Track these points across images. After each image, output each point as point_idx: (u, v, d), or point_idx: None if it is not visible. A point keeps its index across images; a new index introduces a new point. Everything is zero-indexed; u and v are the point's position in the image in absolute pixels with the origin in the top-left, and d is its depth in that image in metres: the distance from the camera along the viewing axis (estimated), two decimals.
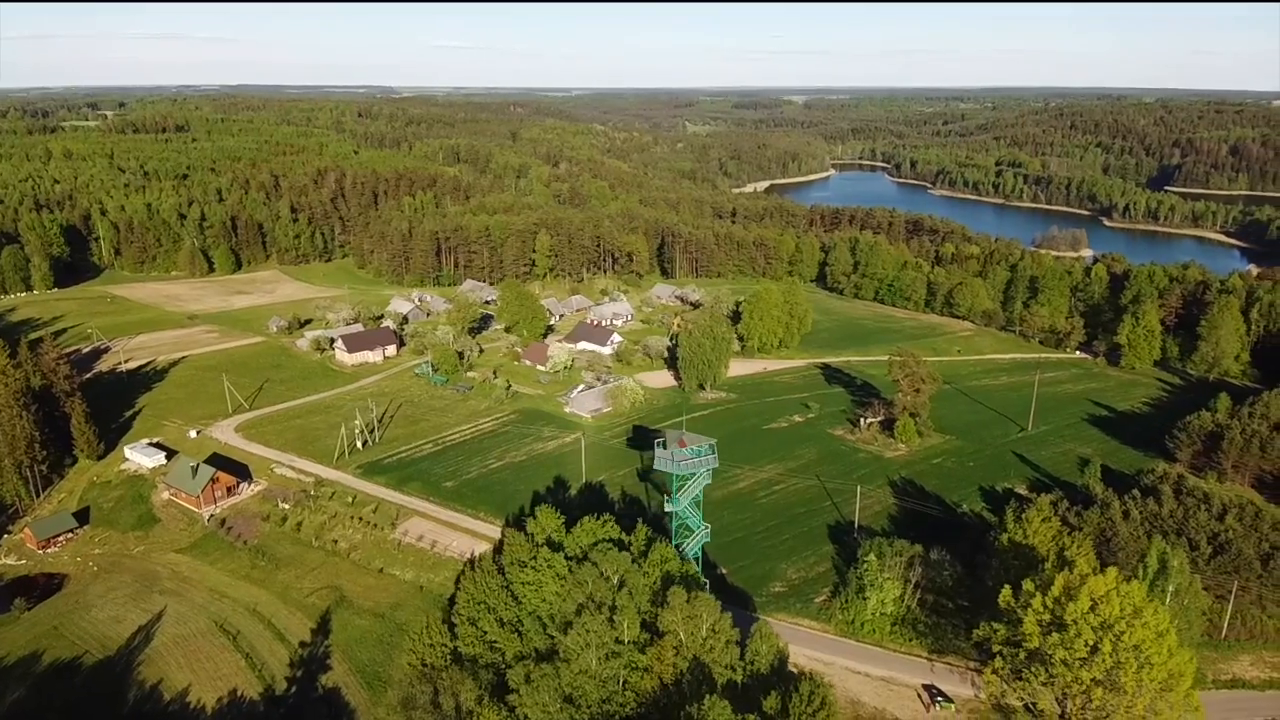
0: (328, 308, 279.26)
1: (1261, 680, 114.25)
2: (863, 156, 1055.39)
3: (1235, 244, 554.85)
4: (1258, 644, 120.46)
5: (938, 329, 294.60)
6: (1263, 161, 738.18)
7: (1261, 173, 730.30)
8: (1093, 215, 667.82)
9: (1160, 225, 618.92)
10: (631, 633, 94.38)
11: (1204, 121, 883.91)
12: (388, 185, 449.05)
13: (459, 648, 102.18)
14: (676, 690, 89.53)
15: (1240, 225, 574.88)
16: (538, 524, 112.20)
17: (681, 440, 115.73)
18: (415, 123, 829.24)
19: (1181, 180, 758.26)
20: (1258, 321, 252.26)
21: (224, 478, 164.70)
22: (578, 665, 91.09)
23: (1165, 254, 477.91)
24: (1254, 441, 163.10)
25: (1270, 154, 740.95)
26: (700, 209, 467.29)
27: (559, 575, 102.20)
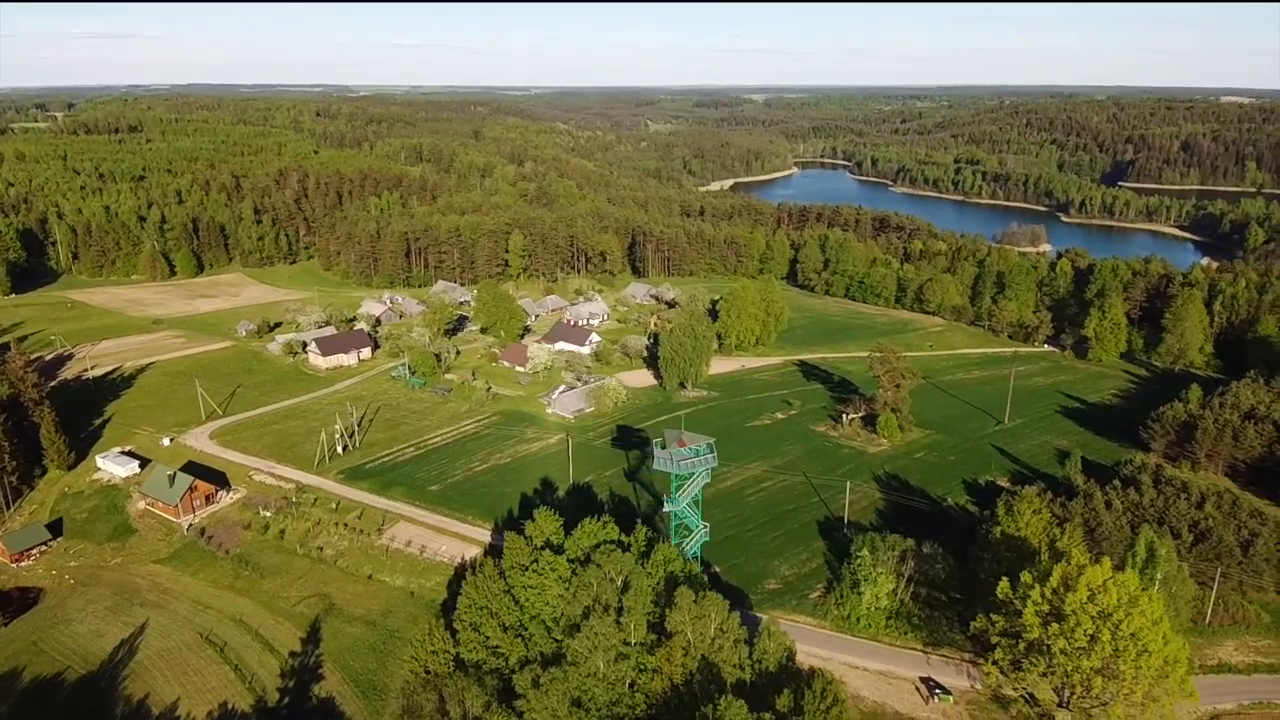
0: (298, 311, 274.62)
1: (1247, 664, 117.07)
2: (824, 155, 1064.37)
3: (1189, 238, 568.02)
4: (1240, 629, 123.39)
5: (909, 324, 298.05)
6: (1213, 157, 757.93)
7: (1212, 168, 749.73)
8: (1050, 211, 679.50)
9: (1116, 220, 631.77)
10: (638, 634, 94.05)
11: (1156, 118, 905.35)
12: (352, 185, 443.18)
13: (462, 654, 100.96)
14: (687, 691, 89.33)
15: (1194, 219, 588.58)
16: (536, 527, 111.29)
17: (681, 440, 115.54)
18: (375, 122, 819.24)
19: (1135, 176, 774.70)
20: (1220, 313, 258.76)
21: (202, 486, 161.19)
22: (586, 668, 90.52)
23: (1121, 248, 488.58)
24: (1226, 431, 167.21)
25: (1221, 150, 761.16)
26: (669, 207, 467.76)
27: (562, 578, 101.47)
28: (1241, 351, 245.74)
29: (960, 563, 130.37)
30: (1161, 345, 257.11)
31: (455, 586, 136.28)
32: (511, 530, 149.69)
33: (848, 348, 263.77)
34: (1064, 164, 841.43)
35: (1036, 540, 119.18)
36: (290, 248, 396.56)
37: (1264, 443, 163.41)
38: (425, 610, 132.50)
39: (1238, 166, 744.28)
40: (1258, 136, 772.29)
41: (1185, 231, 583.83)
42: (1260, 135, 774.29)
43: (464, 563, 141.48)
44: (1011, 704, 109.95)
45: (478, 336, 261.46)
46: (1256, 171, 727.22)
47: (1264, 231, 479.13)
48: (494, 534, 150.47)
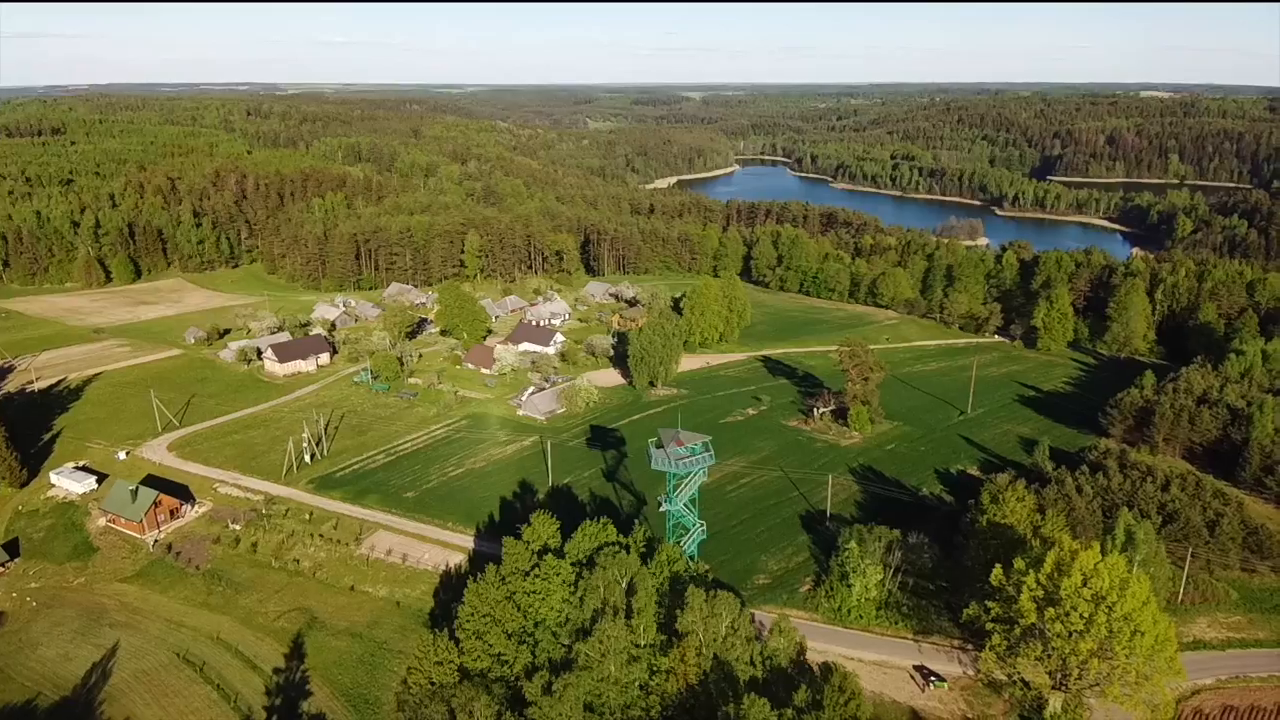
0: (249, 316, 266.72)
1: (1220, 640, 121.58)
2: (764, 152, 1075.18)
3: (1118, 229, 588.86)
4: (1211, 607, 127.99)
5: (864, 318, 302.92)
6: (1137, 150, 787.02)
7: (1137, 161, 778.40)
8: (985, 205, 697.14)
9: (1048, 213, 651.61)
10: (648, 636, 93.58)
11: (1081, 113, 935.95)
12: (294, 186, 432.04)
13: (465, 663, 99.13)
14: (703, 690, 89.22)
15: (1122, 211, 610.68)
16: (534, 531, 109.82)
17: (678, 439, 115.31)
18: (310, 121, 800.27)
19: (1063, 170, 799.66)
20: (1162, 302, 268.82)
21: (166, 500, 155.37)
22: (598, 672, 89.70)
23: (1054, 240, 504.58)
24: (1183, 415, 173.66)
25: (1144, 143, 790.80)
26: (618, 205, 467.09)
27: (566, 582, 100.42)
28: (1183, 338, 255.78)
29: (945, 551, 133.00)
30: (1108, 334, 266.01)
31: (442, 595, 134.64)
32: (492, 535, 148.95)
33: (808, 342, 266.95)
34: (995, 159, 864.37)
35: (1022, 527, 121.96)
36: (232, 251, 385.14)
37: (1218, 426, 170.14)
38: (413, 620, 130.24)
39: (1160, 159, 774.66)
40: (1179, 130, 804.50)
41: (1114, 223, 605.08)
42: (1181, 128, 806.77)
43: (449, 570, 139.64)
44: (1004, 689, 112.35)
45: (438, 339, 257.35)
46: (1179, 164, 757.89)
47: (1191, 222, 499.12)
48: (477, 539, 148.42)
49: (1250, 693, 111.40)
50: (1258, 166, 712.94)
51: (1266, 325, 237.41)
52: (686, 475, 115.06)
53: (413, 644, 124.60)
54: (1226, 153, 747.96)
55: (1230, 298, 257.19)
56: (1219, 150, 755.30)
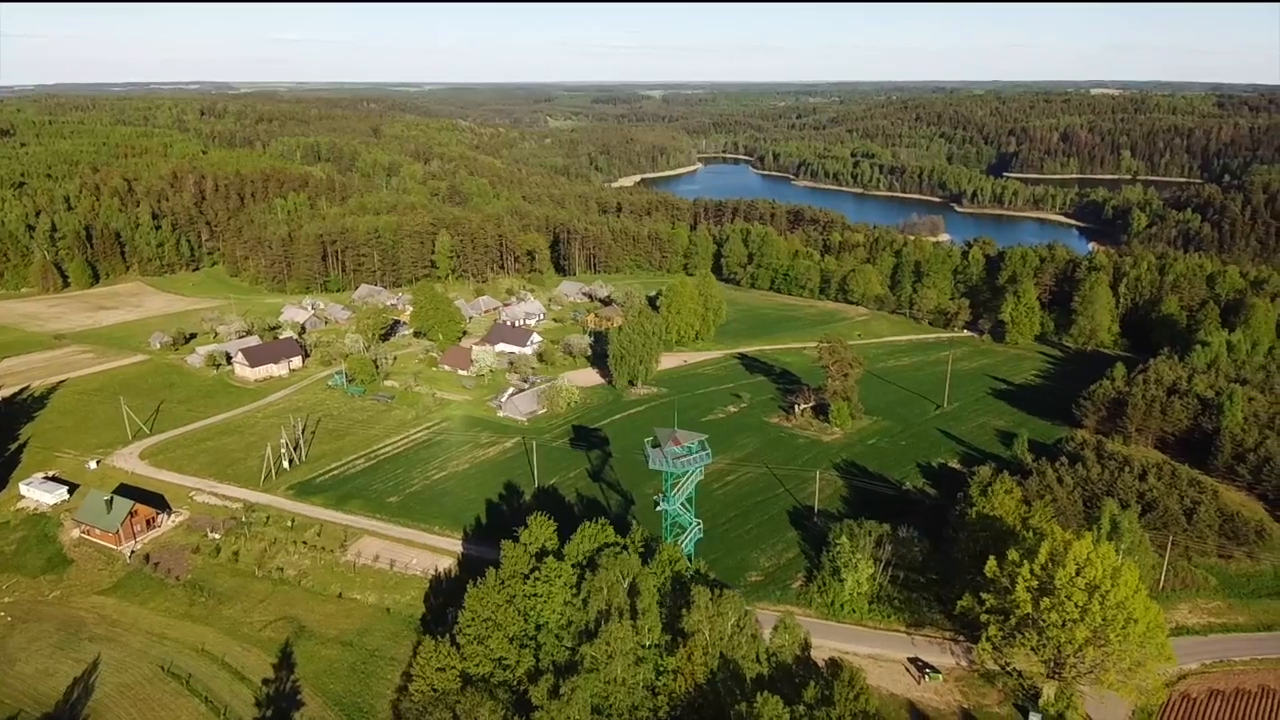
0: (216, 320, 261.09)
1: (1202, 625, 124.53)
2: (725, 150, 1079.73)
3: (1074, 224, 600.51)
4: (1192, 593, 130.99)
5: (835, 315, 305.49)
6: (1090, 146, 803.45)
7: (1090, 157, 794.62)
8: (944, 202, 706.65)
9: (1006, 209, 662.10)
10: (652, 636, 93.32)
11: (1035, 111, 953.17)
12: (255, 187, 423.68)
13: (467, 669, 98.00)
14: (711, 690, 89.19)
15: (1078, 207, 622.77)
16: (531, 533, 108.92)
17: (675, 438, 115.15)
18: (266, 120, 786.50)
19: (1019, 167, 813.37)
20: (1125, 295, 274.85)
21: (143, 510, 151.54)
22: (605, 674, 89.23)
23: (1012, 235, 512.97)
24: (1155, 406, 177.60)
25: (1097, 139, 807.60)
26: (586, 204, 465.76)
27: (568, 584, 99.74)
28: (1147, 330, 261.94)
29: (934, 544, 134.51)
30: (1074, 327, 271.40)
31: (433, 600, 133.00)
32: (480, 538, 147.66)
33: (782, 339, 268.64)
34: (953, 156, 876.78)
35: (1011, 519, 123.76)
36: (193, 254, 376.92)
37: (1189, 415, 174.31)
38: (404, 626, 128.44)
39: (1113, 155, 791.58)
40: (1130, 126, 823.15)
41: (1070, 218, 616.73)
42: (1133, 125, 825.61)
43: (438, 575, 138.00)
44: (997, 679, 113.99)
45: (412, 341, 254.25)
46: (1131, 159, 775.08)
47: (1146, 216, 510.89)
48: (465, 543, 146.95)
49: (1234, 676, 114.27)
50: (1207, 161, 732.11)
51: (1227, 316, 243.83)
52: (683, 474, 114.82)
53: (405, 651, 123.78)
54: (1177, 148, 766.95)
55: (1191, 290, 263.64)
56: (1170, 146, 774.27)
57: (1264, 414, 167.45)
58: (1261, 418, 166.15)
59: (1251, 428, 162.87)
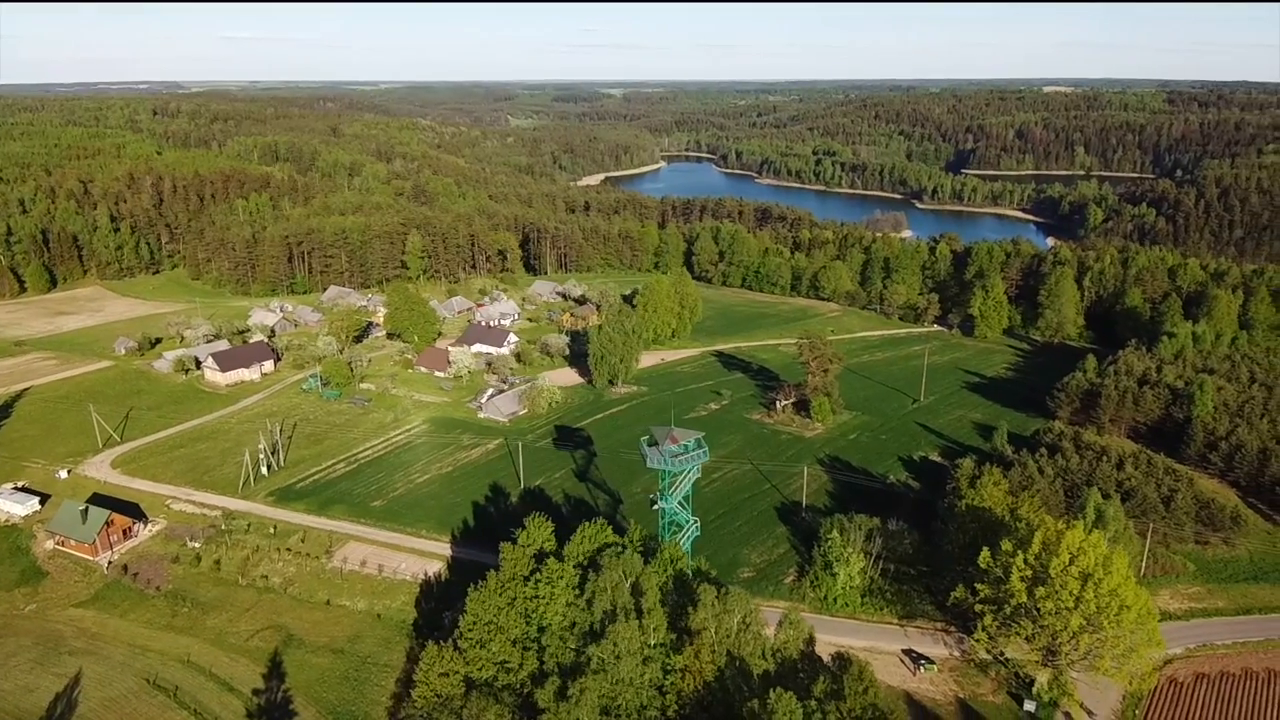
0: (183, 324, 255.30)
1: (1184, 611, 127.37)
2: (688, 148, 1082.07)
3: (1031, 219, 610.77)
4: (1172, 579, 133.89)
5: (808, 311, 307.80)
6: (1045, 143, 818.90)
7: (1045, 153, 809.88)
8: (905, 198, 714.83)
9: (965, 205, 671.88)
10: (658, 635, 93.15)
11: (991, 109, 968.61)
12: (215, 188, 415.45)
13: (470, 673, 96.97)
14: (719, 687, 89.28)
15: (1034, 202, 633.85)
16: (529, 535, 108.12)
17: (672, 436, 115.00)
18: (221, 119, 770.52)
19: (976, 163, 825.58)
20: (1090, 288, 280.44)
21: (119, 519, 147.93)
22: (613, 674, 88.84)
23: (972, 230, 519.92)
24: (1127, 396, 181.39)
25: (1052, 136, 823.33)
26: (553, 203, 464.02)
27: (570, 585, 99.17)
28: (1111, 323, 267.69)
29: (922, 536, 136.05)
30: (1041, 320, 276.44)
31: (424, 604, 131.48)
32: (469, 541, 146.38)
33: (757, 336, 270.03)
34: (912, 153, 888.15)
35: (1000, 510, 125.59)
36: (153, 257, 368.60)
37: (1160, 406, 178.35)
38: (396, 632, 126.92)
39: (1067, 152, 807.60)
40: (1083, 123, 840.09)
41: (1028, 214, 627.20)
42: (1086, 122, 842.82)
43: (428, 579, 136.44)
44: (990, 668, 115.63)
45: (386, 343, 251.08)
46: (1085, 156, 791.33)
47: (1102, 211, 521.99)
48: (454, 546, 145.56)
49: (1218, 659, 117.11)
50: (1159, 157, 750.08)
51: (1189, 308, 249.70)
52: (680, 472, 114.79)
53: (399, 657, 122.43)
54: (1129, 144, 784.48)
55: (1154, 283, 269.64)
56: (1122, 142, 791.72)
57: (1233, 403, 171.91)
58: (1231, 406, 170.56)
59: (1222, 416, 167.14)
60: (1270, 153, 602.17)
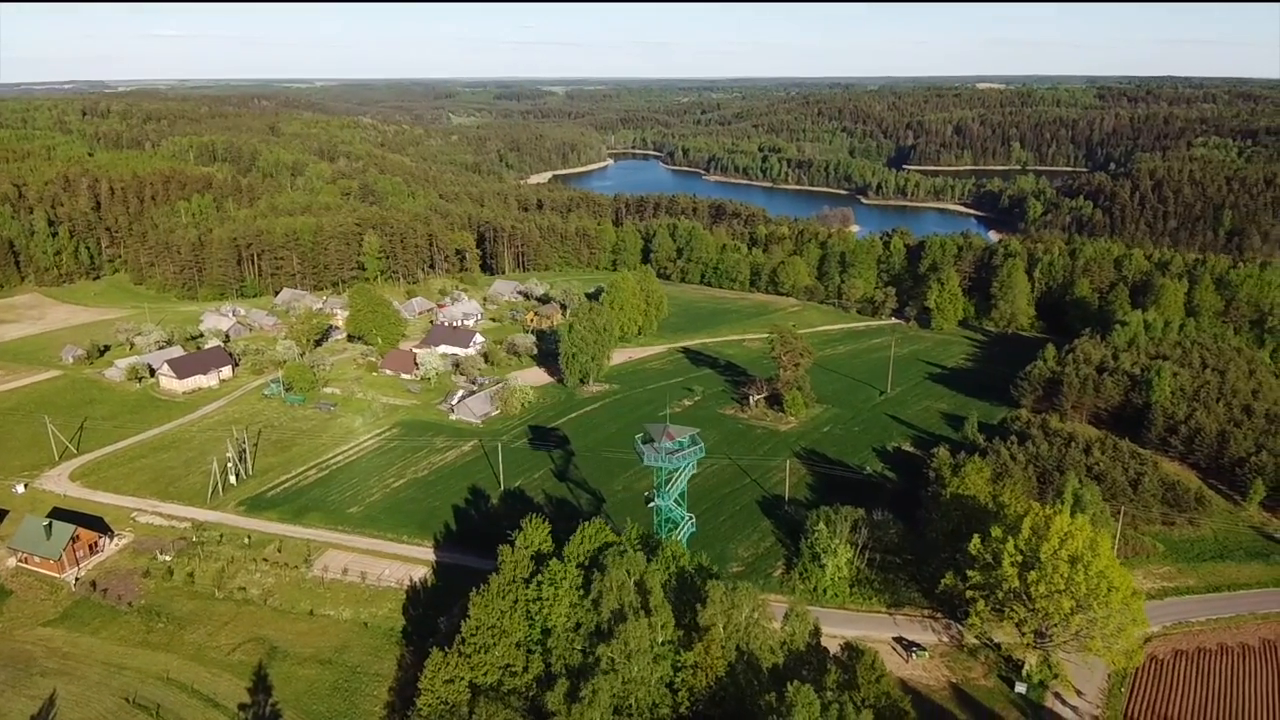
0: (132, 331, 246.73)
1: (1157, 590, 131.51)
2: (634, 145, 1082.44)
3: (972, 213, 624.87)
4: (1144, 560, 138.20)
5: (768, 306, 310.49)
6: (982, 139, 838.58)
7: (983, 149, 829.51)
8: (851, 194, 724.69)
9: (909, 200, 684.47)
10: (666, 633, 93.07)
11: (929, 105, 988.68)
12: (155, 189, 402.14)
13: (474, 679, 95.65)
14: (731, 682, 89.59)
15: (975, 197, 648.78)
16: (526, 537, 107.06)
17: (668, 433, 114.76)
18: (154, 119, 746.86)
19: (917, 159, 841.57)
20: (1040, 280, 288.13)
21: (84, 534, 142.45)
22: (624, 674, 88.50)
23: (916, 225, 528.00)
24: (1088, 383, 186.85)
25: (988, 132, 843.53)
26: (506, 202, 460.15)
27: (574, 586, 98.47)
28: (1061, 312, 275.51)
29: (907, 525, 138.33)
30: (994, 311, 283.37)
31: (412, 611, 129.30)
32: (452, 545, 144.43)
33: (721, 332, 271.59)
34: (855, 150, 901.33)
35: (983, 498, 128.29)
36: (93, 261, 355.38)
37: (1120, 392, 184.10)
38: (384, 640, 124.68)
39: (1004, 147, 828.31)
40: (1018, 119, 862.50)
41: (969, 208, 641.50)
42: (1021, 117, 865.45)
43: (414, 585, 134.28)
44: (979, 652, 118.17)
45: (347, 346, 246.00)
46: (1020, 150, 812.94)
47: (1041, 205, 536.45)
48: (437, 551, 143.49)
49: (1194, 636, 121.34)
50: (1092, 151, 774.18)
51: (1136, 297, 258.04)
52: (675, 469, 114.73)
53: (389, 666, 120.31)
54: (1063, 139, 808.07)
55: (1101, 273, 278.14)
56: (1055, 137, 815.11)
57: (1189, 388, 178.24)
58: (1187, 391, 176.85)
59: (1180, 401, 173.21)
60: (1199, 145, 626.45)
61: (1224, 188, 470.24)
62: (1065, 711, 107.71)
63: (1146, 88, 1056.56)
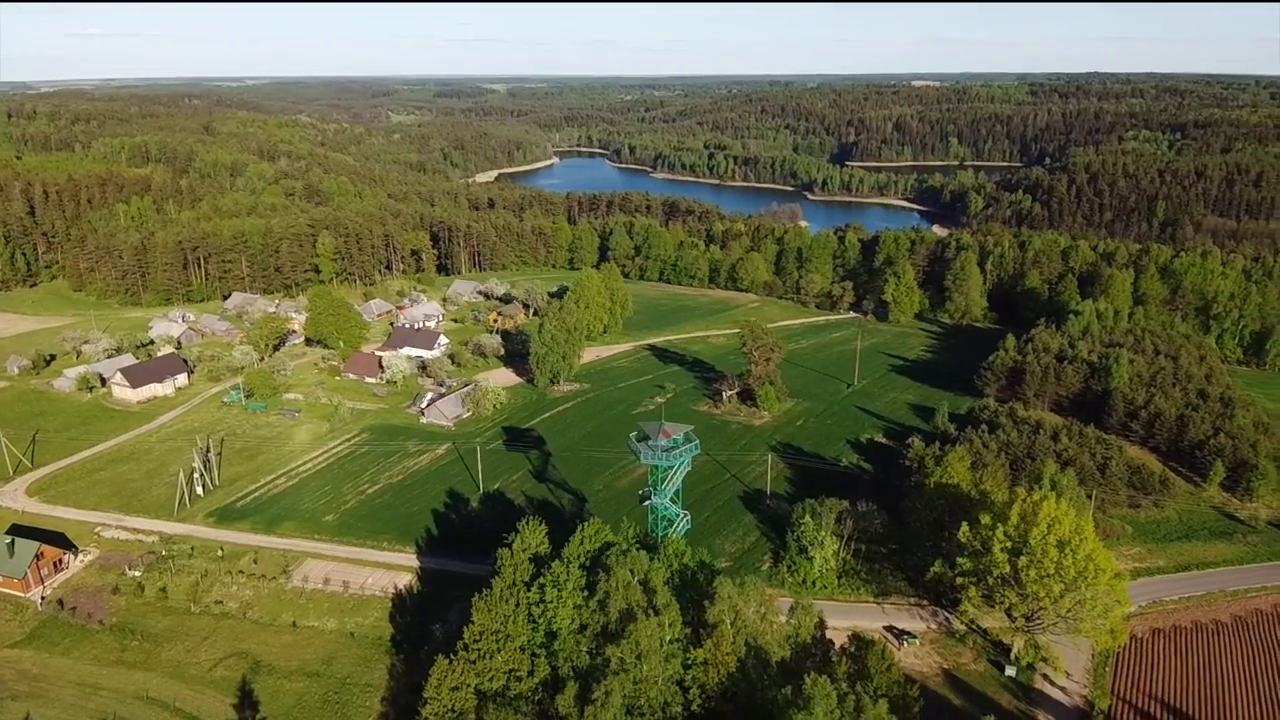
0: (79, 339, 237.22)
1: (1130, 571, 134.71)
2: (579, 143, 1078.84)
3: (915, 208, 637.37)
4: (1114, 542, 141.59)
5: (729, 303, 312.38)
6: (921, 135, 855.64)
7: (922, 145, 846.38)
8: (796, 190, 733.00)
9: (854, 196, 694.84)
10: (673, 631, 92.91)
11: (869, 103, 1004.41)
12: (91, 193, 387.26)
13: (480, 685, 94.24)
14: (742, 677, 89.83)
15: (917, 192, 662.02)
16: (524, 540, 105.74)
17: (664, 431, 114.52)
18: (84, 120, 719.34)
19: (859, 155, 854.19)
20: (992, 272, 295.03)
21: (49, 551, 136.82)
22: (635, 674, 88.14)
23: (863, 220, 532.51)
24: (1050, 372, 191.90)
25: (927, 128, 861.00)
26: (457, 201, 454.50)
27: (578, 587, 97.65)
28: (1013, 304, 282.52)
29: (890, 515, 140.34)
30: (949, 304, 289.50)
31: (399, 618, 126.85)
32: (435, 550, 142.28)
33: (685, 329, 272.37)
34: (798, 146, 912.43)
35: (966, 486, 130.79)
36: (29, 268, 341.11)
37: (1080, 379, 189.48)
38: (373, 649, 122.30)
39: (942, 143, 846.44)
40: (955, 115, 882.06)
41: (912, 203, 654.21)
42: (957, 114, 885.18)
43: (399, 592, 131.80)
44: (967, 638, 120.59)
45: (306, 350, 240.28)
46: (958, 146, 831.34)
47: (982, 199, 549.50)
48: (420, 557, 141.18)
49: (1169, 615, 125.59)
50: (1026, 146, 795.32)
51: (1084, 287, 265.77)
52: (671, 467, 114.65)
53: (379, 675, 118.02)
54: (998, 134, 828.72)
55: (1050, 264, 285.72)
56: (992, 132, 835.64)
57: (1145, 374, 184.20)
58: (1144, 377, 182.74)
59: (1138, 387, 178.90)
60: (1130, 139, 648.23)
61: (1156, 180, 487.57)
62: (1054, 692, 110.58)
63: (1076, 84, 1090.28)
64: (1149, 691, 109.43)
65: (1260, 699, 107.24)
